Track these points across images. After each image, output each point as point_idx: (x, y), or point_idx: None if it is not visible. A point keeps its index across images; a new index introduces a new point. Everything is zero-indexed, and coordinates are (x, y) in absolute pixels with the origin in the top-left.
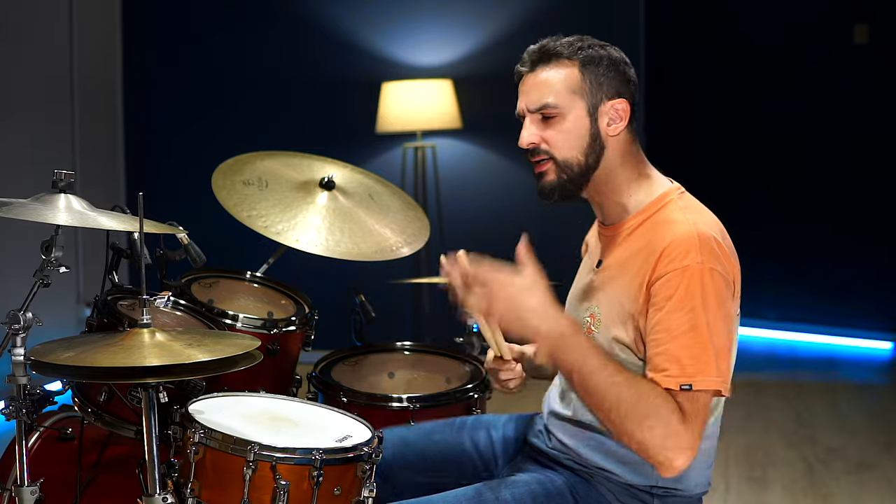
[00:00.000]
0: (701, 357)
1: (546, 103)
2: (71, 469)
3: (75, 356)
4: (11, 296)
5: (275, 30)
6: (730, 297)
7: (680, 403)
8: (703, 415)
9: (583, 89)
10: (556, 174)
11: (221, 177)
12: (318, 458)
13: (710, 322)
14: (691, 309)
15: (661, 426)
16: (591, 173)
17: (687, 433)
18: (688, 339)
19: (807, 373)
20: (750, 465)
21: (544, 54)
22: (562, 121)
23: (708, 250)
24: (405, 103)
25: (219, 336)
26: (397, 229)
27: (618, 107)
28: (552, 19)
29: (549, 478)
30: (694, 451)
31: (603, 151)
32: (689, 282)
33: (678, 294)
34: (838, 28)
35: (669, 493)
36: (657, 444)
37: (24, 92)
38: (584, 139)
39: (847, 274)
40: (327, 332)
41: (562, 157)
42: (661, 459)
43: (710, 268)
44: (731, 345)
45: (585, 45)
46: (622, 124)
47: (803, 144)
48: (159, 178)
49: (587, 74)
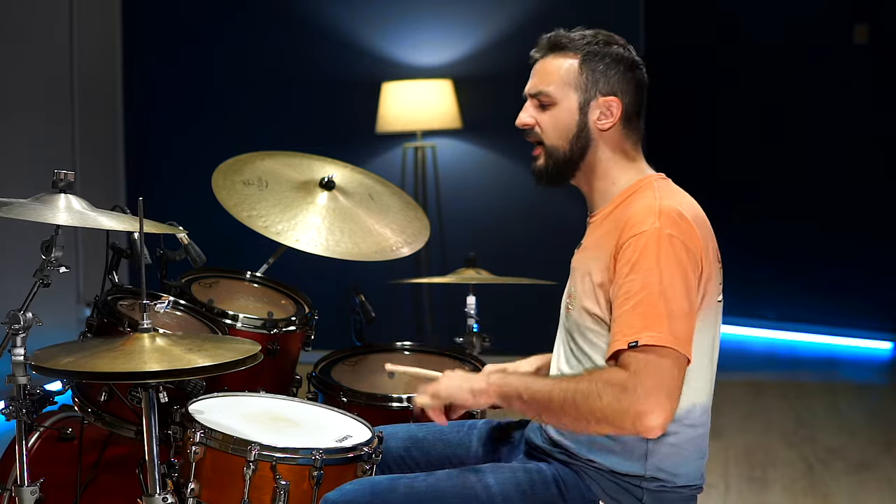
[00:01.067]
0: (649, 315)
1: (541, 90)
2: (71, 469)
3: (76, 361)
4: (11, 296)
5: (275, 30)
6: (689, 265)
7: (625, 364)
8: (657, 369)
9: (578, 82)
10: (545, 159)
11: (221, 177)
12: (319, 458)
13: (664, 283)
14: (647, 269)
15: (607, 392)
16: (577, 163)
17: (641, 386)
18: (637, 300)
19: (807, 373)
20: (750, 465)
21: (553, 43)
22: (554, 109)
23: (668, 219)
24: (405, 103)
25: (219, 341)
26: (397, 229)
27: (610, 104)
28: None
29: (537, 467)
30: (661, 402)
31: (590, 144)
32: (645, 245)
33: (634, 258)
34: (838, 28)
35: (659, 483)
36: (614, 409)
37: (24, 92)
38: (570, 130)
39: (847, 274)
40: (327, 332)
41: (549, 143)
42: (631, 422)
43: (667, 233)
44: (689, 310)
45: (594, 41)
46: (612, 121)
47: (803, 144)
48: (159, 178)
49: (585, 69)
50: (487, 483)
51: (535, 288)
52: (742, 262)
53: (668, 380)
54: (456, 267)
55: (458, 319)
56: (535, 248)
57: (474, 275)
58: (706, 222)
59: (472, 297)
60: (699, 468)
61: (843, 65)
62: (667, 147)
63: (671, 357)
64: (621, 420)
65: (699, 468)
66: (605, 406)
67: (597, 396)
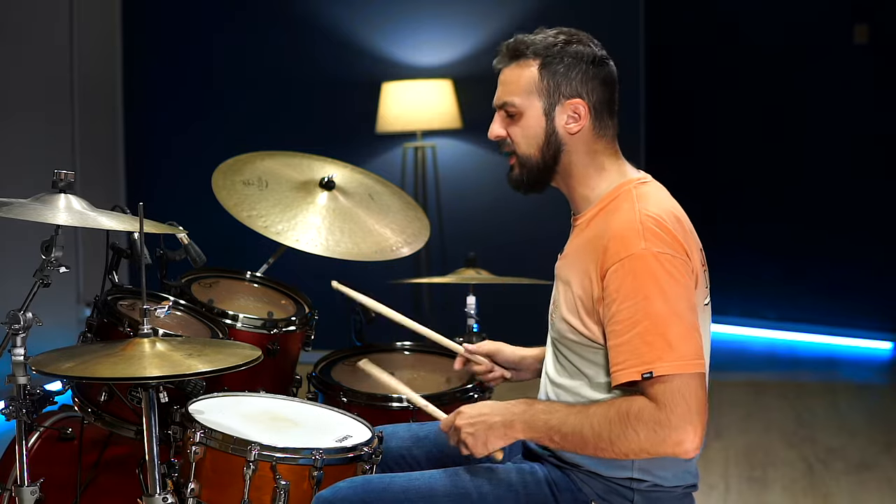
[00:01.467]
0: (656, 343)
1: (506, 101)
2: (71, 469)
3: (76, 366)
4: (11, 296)
5: (275, 30)
6: (684, 276)
7: (649, 393)
8: (683, 395)
9: (540, 89)
10: (518, 169)
11: (221, 177)
12: (319, 458)
13: (663, 306)
14: (644, 297)
15: (641, 427)
16: (552, 169)
17: (673, 416)
18: (641, 328)
19: (807, 373)
20: (750, 465)
21: (512, 51)
22: (521, 118)
23: (651, 234)
24: (405, 103)
25: (220, 346)
26: (397, 229)
27: (576, 107)
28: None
29: (530, 468)
30: (694, 425)
31: (561, 149)
32: (636, 270)
33: (626, 284)
34: (838, 28)
35: (648, 483)
36: (653, 442)
37: (24, 92)
38: (540, 138)
39: (847, 274)
40: (327, 332)
41: (521, 152)
42: (671, 450)
43: (654, 252)
44: (695, 322)
45: (553, 43)
46: (581, 123)
47: (803, 144)
48: (159, 178)
49: (545, 74)
50: (480, 483)
51: (535, 288)
52: (742, 263)
53: (695, 401)
54: (456, 267)
55: (458, 319)
56: (535, 248)
57: (474, 275)
58: (687, 224)
59: (472, 297)
60: (689, 467)
61: (843, 65)
62: (667, 147)
63: (688, 378)
64: (662, 450)
65: (689, 467)
66: (644, 441)
67: (634, 433)
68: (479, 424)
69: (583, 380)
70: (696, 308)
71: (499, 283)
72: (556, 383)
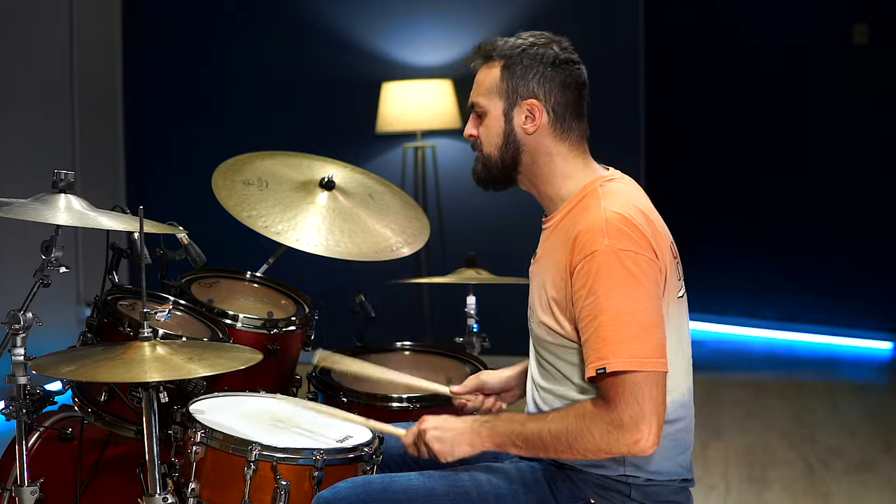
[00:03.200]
0: (611, 339)
1: (473, 101)
2: (71, 469)
3: (76, 370)
4: (11, 296)
5: (275, 30)
6: (648, 274)
7: (603, 391)
8: (634, 393)
9: (501, 90)
10: (480, 165)
11: (221, 177)
12: (320, 458)
13: (621, 303)
14: (604, 293)
15: (595, 427)
16: (512, 168)
17: (625, 415)
18: (599, 324)
19: (807, 373)
20: (750, 465)
21: (480, 54)
22: (486, 119)
23: (615, 231)
24: (405, 103)
25: (220, 349)
26: (397, 229)
27: (531, 107)
28: (552, 19)
29: (529, 467)
30: (648, 423)
31: (520, 149)
32: (598, 267)
33: (590, 281)
34: (838, 28)
35: (643, 479)
36: (608, 442)
37: (24, 91)
38: (500, 137)
39: (847, 274)
40: (327, 332)
41: (484, 151)
42: (624, 450)
43: (617, 249)
44: (658, 320)
45: (519, 45)
46: (537, 123)
47: (803, 144)
48: (159, 178)
49: (506, 76)
50: (479, 482)
51: None
52: (742, 263)
53: (648, 400)
54: (456, 267)
55: (458, 319)
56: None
57: (474, 275)
58: (656, 219)
59: (472, 297)
60: (683, 462)
61: (843, 65)
62: (667, 147)
63: (643, 377)
64: (617, 450)
65: (683, 462)
66: (599, 442)
67: (589, 435)
68: (446, 430)
69: (566, 383)
70: (660, 307)
71: (499, 283)
72: (543, 387)
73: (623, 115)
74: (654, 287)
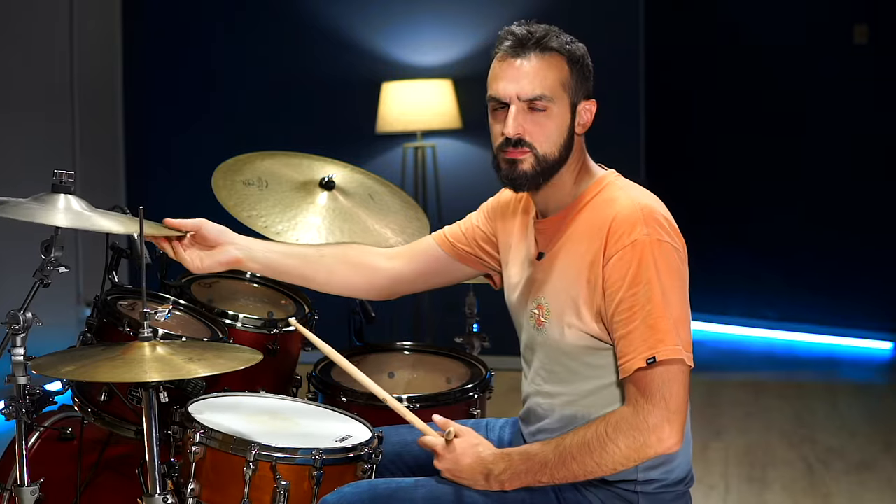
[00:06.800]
0: (658, 326)
1: (540, 95)
2: (71, 469)
3: (76, 370)
4: (11, 296)
5: (275, 30)
6: (682, 267)
7: (637, 386)
8: (668, 386)
9: (569, 85)
10: (532, 166)
11: (221, 177)
12: (319, 458)
13: (666, 292)
14: (647, 282)
15: (622, 435)
16: (560, 167)
17: (653, 411)
18: (645, 313)
19: (807, 373)
20: (750, 465)
21: (537, 43)
22: (549, 114)
23: (653, 222)
24: (405, 103)
25: (220, 349)
26: (397, 229)
27: (590, 107)
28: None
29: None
30: (674, 420)
31: (572, 147)
32: (641, 256)
33: (631, 271)
34: (838, 28)
35: (654, 484)
36: (637, 448)
37: (24, 92)
38: (563, 135)
39: (847, 274)
40: (327, 332)
41: (542, 150)
42: (651, 452)
43: (657, 239)
44: (688, 314)
45: (567, 40)
46: (588, 123)
47: (803, 144)
48: (159, 178)
49: (574, 71)
50: (486, 491)
51: None
52: (742, 263)
53: (675, 396)
54: None
55: (458, 319)
56: None
57: None
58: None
59: (472, 297)
60: (687, 455)
61: (843, 65)
62: (667, 147)
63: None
64: (644, 454)
65: (687, 455)
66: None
67: (614, 446)
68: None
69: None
70: (688, 301)
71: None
72: (549, 393)
73: (623, 115)
74: (686, 280)
